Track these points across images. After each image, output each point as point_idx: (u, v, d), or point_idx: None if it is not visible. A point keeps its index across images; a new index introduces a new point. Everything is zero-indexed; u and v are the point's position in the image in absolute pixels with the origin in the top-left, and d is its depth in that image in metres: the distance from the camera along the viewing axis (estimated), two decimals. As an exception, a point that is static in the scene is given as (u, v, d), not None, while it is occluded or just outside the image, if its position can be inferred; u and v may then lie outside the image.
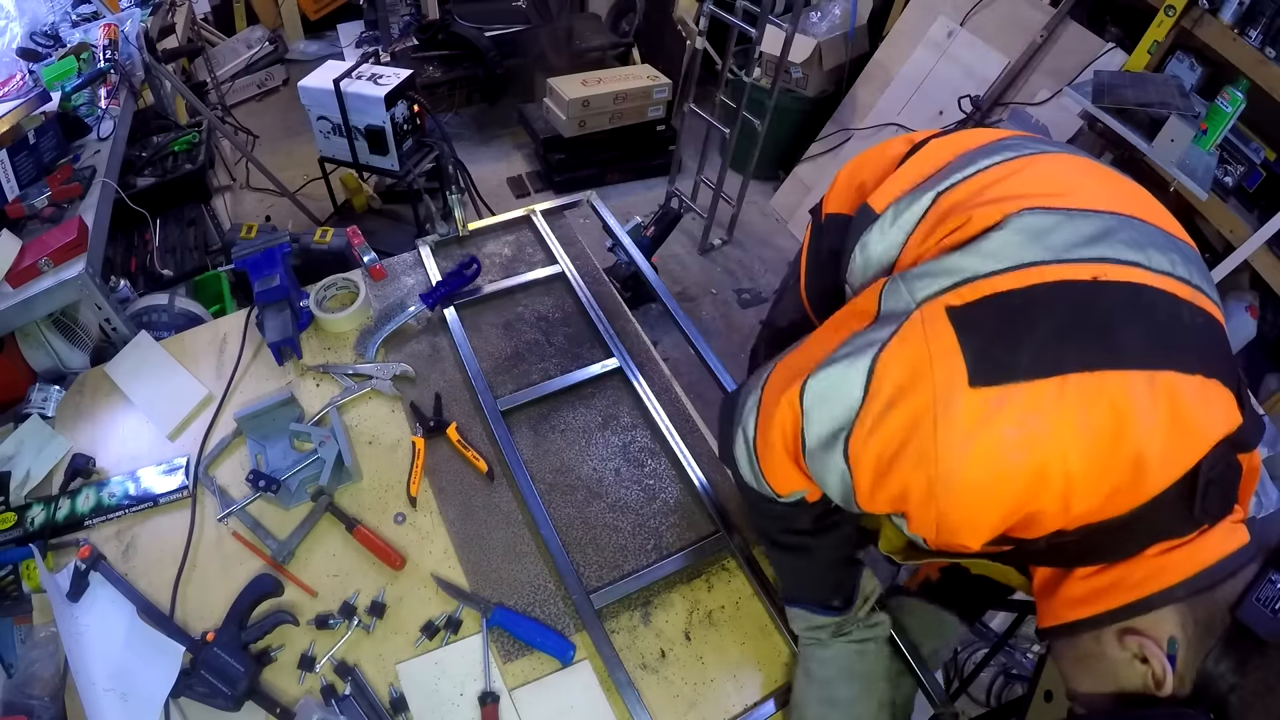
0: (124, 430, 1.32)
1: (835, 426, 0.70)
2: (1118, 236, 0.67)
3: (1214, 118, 2.08)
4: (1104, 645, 0.68)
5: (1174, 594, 0.63)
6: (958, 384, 0.61)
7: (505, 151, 3.75)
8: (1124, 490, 0.61)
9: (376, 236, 1.80)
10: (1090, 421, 0.59)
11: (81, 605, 1.07)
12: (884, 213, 0.83)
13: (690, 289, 3.11)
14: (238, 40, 3.96)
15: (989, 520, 0.64)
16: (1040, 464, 0.59)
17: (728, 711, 1.04)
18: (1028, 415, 0.59)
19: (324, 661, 1.04)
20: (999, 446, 0.60)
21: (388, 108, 2.31)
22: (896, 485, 0.66)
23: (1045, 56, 2.70)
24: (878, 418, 0.66)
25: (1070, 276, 0.64)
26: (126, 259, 1.96)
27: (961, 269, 0.67)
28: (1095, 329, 0.62)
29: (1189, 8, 2.20)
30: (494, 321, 1.54)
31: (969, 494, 0.62)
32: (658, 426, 1.34)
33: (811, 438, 0.72)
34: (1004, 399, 0.60)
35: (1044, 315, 0.62)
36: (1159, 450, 0.59)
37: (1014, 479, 0.60)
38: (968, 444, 0.60)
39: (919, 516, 0.67)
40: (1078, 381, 0.59)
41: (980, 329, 0.63)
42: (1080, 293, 0.63)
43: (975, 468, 0.61)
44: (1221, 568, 0.62)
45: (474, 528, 1.21)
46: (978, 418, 0.60)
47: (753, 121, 2.86)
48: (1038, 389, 0.59)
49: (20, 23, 2.19)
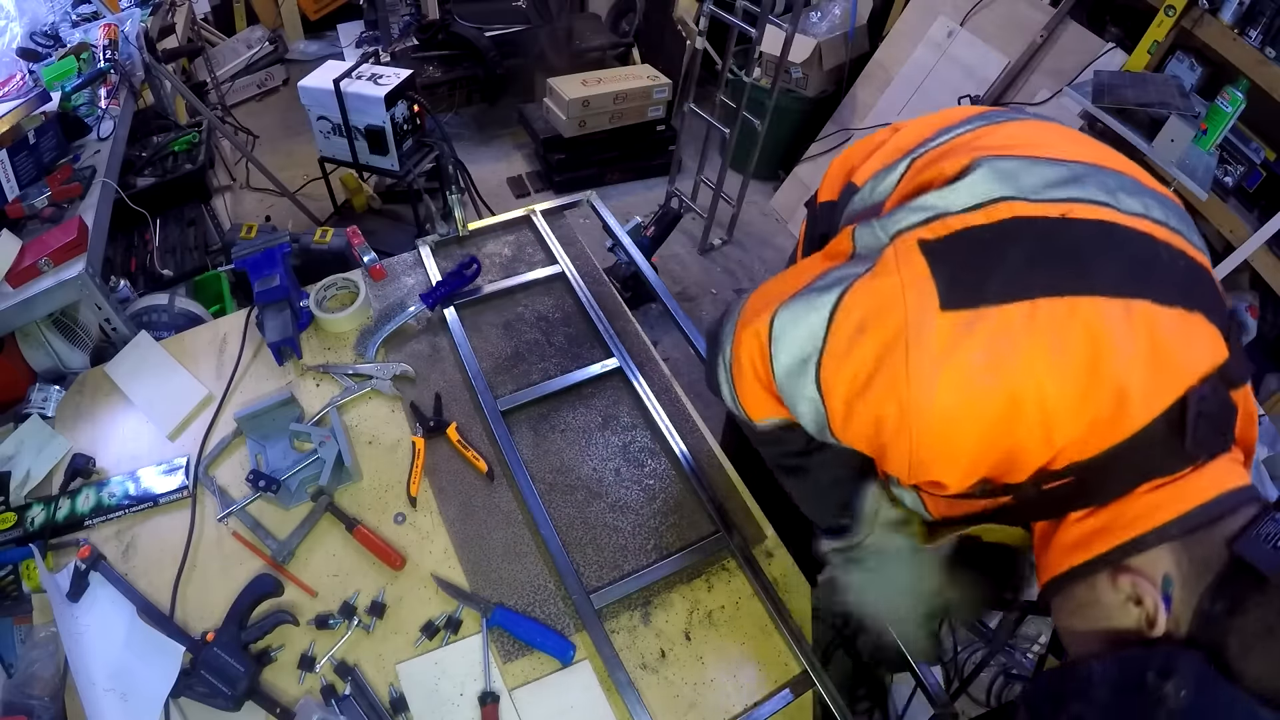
0: (124, 430, 1.32)
1: (803, 354, 0.71)
2: (1088, 181, 0.68)
3: (1214, 118, 2.08)
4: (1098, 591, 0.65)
5: (1168, 531, 0.60)
6: (929, 308, 0.62)
7: (505, 151, 3.75)
8: (1107, 422, 0.59)
9: (376, 236, 1.80)
10: (1063, 346, 0.58)
11: (81, 605, 1.07)
12: (865, 185, 0.87)
13: (690, 289, 3.11)
14: (238, 40, 3.96)
15: (963, 451, 0.63)
16: (1013, 390, 0.59)
17: (728, 711, 1.04)
18: (996, 338, 0.59)
19: (324, 661, 1.04)
20: (968, 370, 0.60)
21: (388, 108, 2.31)
22: (869, 413, 0.66)
23: (1045, 56, 2.70)
24: (849, 343, 0.67)
25: (1039, 213, 0.65)
26: (126, 259, 1.96)
27: (933, 206, 0.69)
28: (1066, 257, 0.62)
29: (1189, 8, 2.20)
30: (494, 321, 1.54)
31: (940, 421, 0.61)
32: (658, 426, 1.34)
33: (780, 366, 0.74)
34: (973, 322, 0.60)
35: (1013, 245, 0.63)
36: (1140, 379, 0.58)
37: (985, 404, 0.60)
38: (938, 368, 0.61)
39: (894, 448, 0.66)
40: (1048, 306, 0.59)
41: (952, 259, 0.64)
42: (1050, 225, 0.64)
43: (946, 392, 0.60)
44: (1219, 503, 0.60)
45: (474, 528, 1.21)
46: (947, 341, 0.61)
47: (753, 121, 2.86)
48: (1007, 312, 0.60)
49: (20, 23, 2.19)
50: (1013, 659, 1.83)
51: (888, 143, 0.91)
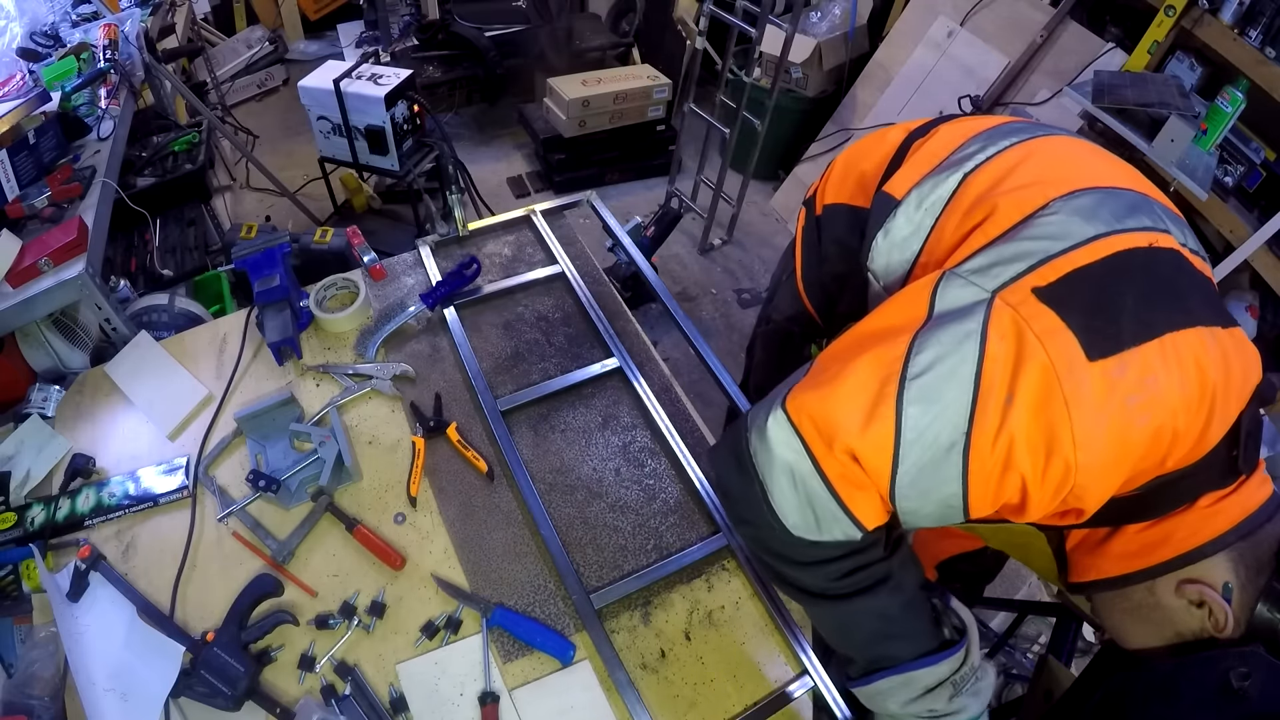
0: (124, 430, 1.32)
1: (949, 439, 0.63)
2: (1148, 210, 0.72)
3: (1214, 118, 2.08)
4: (1158, 595, 0.72)
5: (1226, 540, 0.68)
6: (1077, 360, 0.61)
7: (505, 151, 3.75)
8: (1193, 445, 0.65)
9: (376, 236, 1.80)
10: (1186, 378, 0.62)
11: (81, 605, 1.07)
12: (907, 197, 0.84)
13: (690, 289, 3.11)
14: (238, 40, 3.96)
15: (1113, 485, 0.66)
16: (1158, 425, 0.62)
17: (728, 711, 1.04)
18: (1145, 378, 0.61)
19: (324, 661, 1.04)
20: (1128, 413, 0.62)
21: (388, 108, 2.31)
22: (1016, 478, 0.63)
23: (1045, 56, 2.71)
24: (1000, 416, 0.61)
25: (1132, 244, 0.67)
26: (126, 259, 1.96)
27: (1031, 252, 0.67)
28: (1169, 291, 0.66)
29: (1189, 8, 2.20)
30: (494, 321, 1.54)
31: (1104, 464, 0.63)
32: (658, 426, 1.34)
33: (907, 471, 0.64)
34: (1123, 366, 0.61)
35: (1126, 283, 0.65)
36: (1222, 402, 0.64)
37: (1140, 439, 0.63)
38: (1102, 416, 0.61)
39: (1040, 498, 0.64)
40: (1172, 342, 0.62)
41: (1076, 305, 0.63)
42: (1145, 258, 0.67)
43: (1110, 434, 0.62)
44: (1263, 512, 0.68)
45: (474, 528, 1.21)
46: (1105, 388, 0.61)
47: (753, 121, 2.86)
48: (1147, 353, 0.62)
49: (20, 23, 2.19)
50: (1013, 659, 1.83)
51: (921, 151, 0.89)
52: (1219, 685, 0.63)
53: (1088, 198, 0.71)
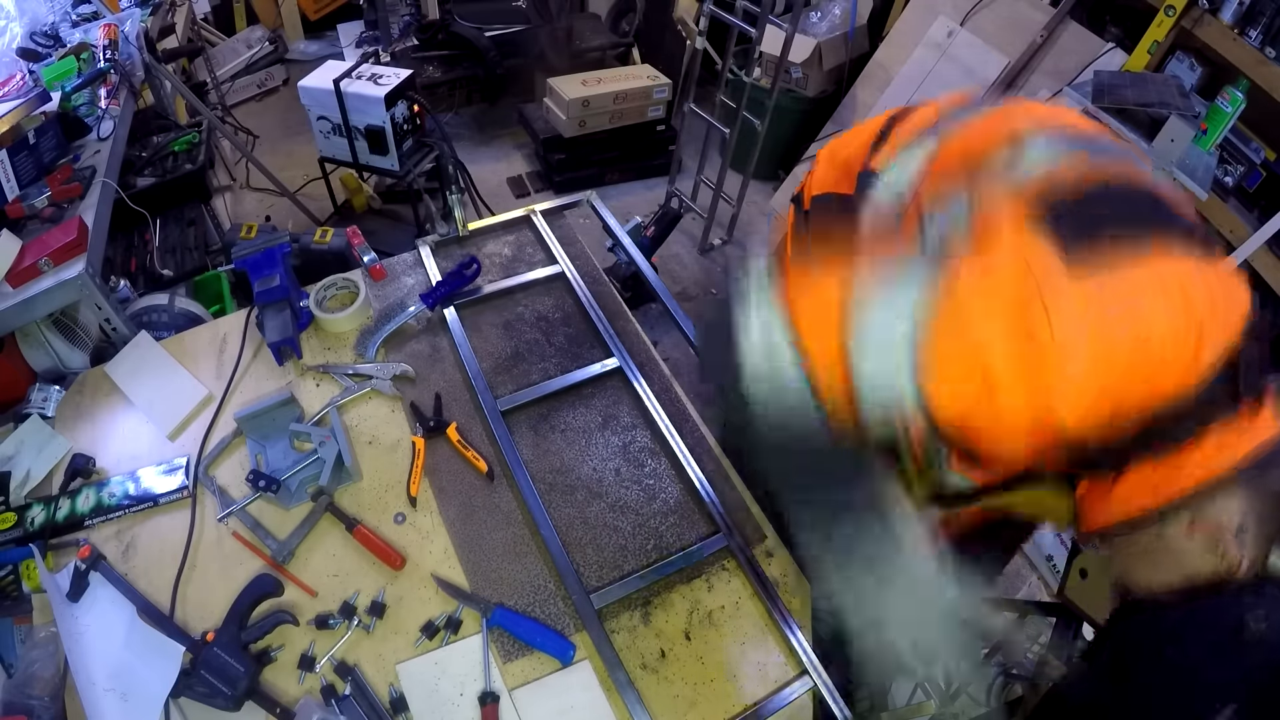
0: (124, 430, 1.32)
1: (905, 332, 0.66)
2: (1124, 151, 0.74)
3: (1214, 118, 2.08)
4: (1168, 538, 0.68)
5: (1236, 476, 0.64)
6: (1056, 271, 0.63)
7: (505, 151, 3.75)
8: (1188, 367, 0.63)
9: (376, 236, 1.80)
10: (1167, 297, 0.62)
11: (81, 605, 1.07)
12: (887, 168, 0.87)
13: (690, 289, 3.11)
14: (238, 40, 3.96)
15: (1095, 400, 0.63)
16: (1140, 337, 0.62)
17: (728, 711, 1.04)
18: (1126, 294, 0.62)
19: (324, 661, 1.04)
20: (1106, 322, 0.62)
21: (388, 108, 2.31)
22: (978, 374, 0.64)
23: (1045, 56, 2.70)
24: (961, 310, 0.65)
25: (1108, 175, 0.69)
26: (126, 259, 1.96)
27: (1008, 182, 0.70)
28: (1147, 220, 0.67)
29: (1189, 8, 2.20)
30: (494, 321, 1.54)
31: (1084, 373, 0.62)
32: (658, 426, 1.34)
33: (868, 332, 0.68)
34: (1104, 282, 0.62)
35: (1106, 202, 0.67)
36: (1211, 325, 0.62)
37: (1120, 351, 0.62)
38: (1082, 326, 0.61)
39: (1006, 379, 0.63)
40: (1156, 264, 0.63)
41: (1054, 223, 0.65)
42: (1123, 184, 0.69)
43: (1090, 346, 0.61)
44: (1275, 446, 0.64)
45: (474, 528, 1.21)
46: (1083, 301, 0.62)
47: (753, 121, 2.86)
48: (1128, 266, 0.63)
49: (20, 23, 2.19)
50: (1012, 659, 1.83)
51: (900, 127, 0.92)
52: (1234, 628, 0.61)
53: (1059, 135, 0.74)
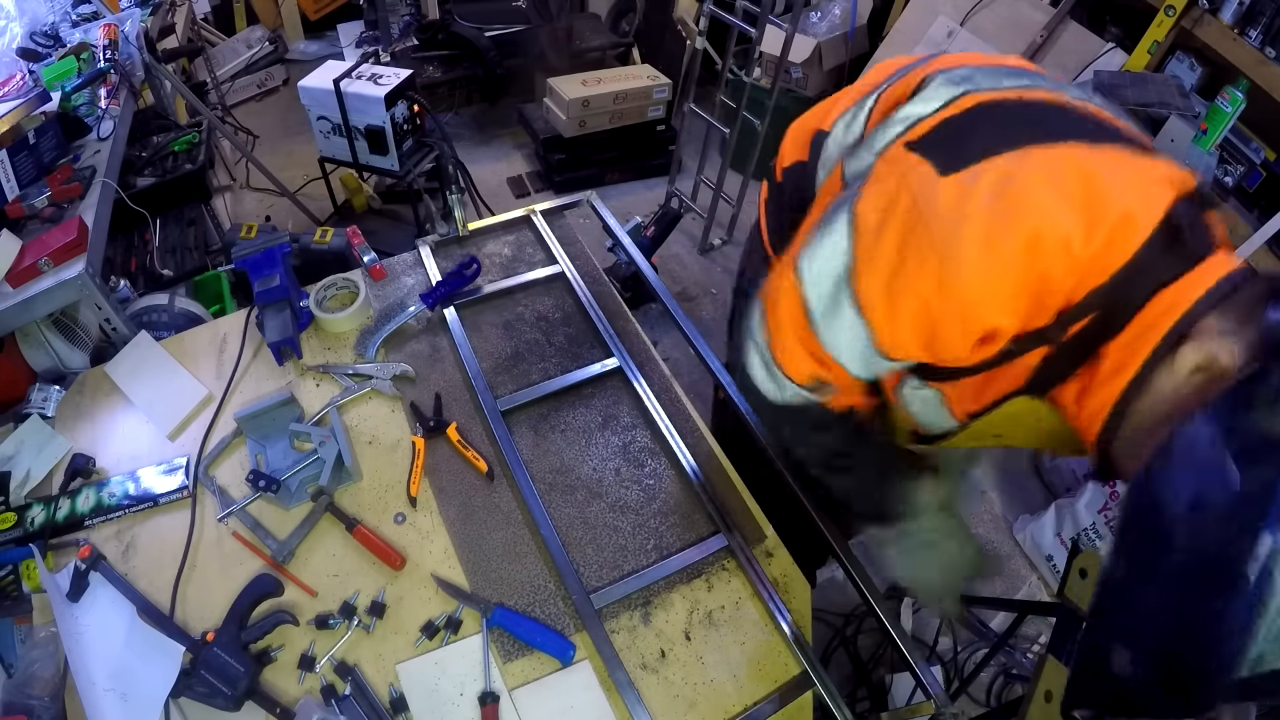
0: (124, 430, 1.32)
1: (835, 277, 0.73)
2: (1034, 77, 0.76)
3: (1214, 118, 2.09)
4: (1157, 391, 0.63)
5: (1203, 304, 0.62)
6: (929, 179, 0.67)
7: (505, 151, 3.75)
8: (1116, 241, 0.63)
9: (376, 236, 1.80)
10: (1060, 180, 0.63)
11: (81, 605, 1.07)
12: (834, 125, 0.92)
13: (690, 289, 3.11)
14: (238, 40, 3.96)
15: (1005, 287, 0.64)
16: (1032, 226, 0.62)
17: (727, 711, 1.04)
18: (1001, 181, 0.64)
19: (324, 661, 1.04)
20: (986, 214, 0.63)
21: (388, 108, 2.31)
22: (910, 298, 0.68)
23: (1045, 56, 2.70)
24: (873, 243, 0.70)
25: (1000, 97, 0.72)
26: (126, 259, 1.96)
27: (907, 116, 0.76)
28: (1038, 122, 0.69)
29: (1189, 8, 2.20)
30: (494, 321, 1.54)
31: (975, 265, 0.64)
32: (658, 426, 1.34)
33: (815, 301, 0.75)
34: (976, 175, 0.65)
35: (990, 119, 0.70)
36: (1134, 195, 0.63)
37: (1011, 245, 0.63)
38: (957, 220, 0.65)
39: (944, 321, 0.67)
40: (1037, 151, 0.65)
41: (937, 143, 0.70)
42: (1013, 104, 0.71)
43: (971, 238, 0.64)
44: (1239, 273, 0.63)
45: (474, 528, 1.21)
46: (957, 196, 0.65)
47: (753, 121, 2.86)
48: (1003, 160, 0.65)
49: (20, 23, 2.19)
50: (1013, 659, 1.83)
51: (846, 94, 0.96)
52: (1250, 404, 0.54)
53: (966, 69, 0.77)
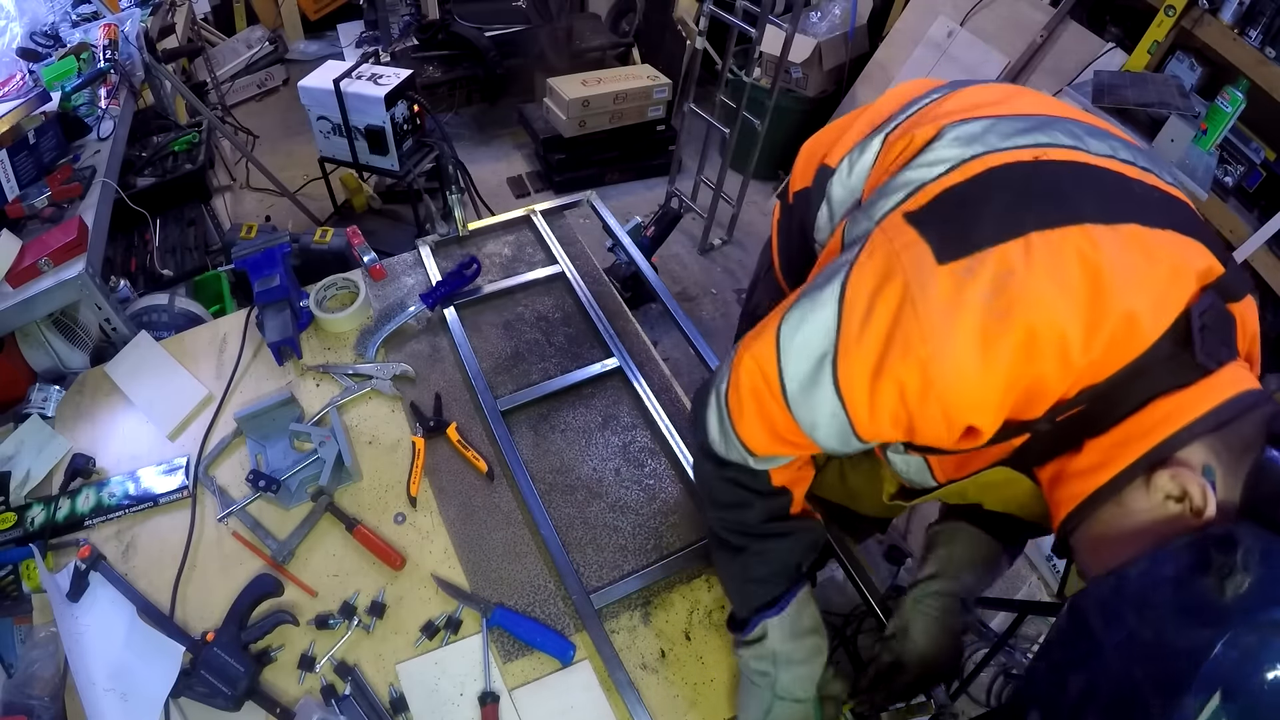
0: (124, 430, 1.32)
1: (818, 355, 0.68)
2: (1052, 128, 0.69)
3: (1214, 118, 2.09)
4: (1127, 505, 0.61)
5: (1198, 427, 0.59)
6: (926, 265, 0.62)
7: (505, 151, 3.75)
8: (1120, 344, 0.59)
9: (376, 236, 1.80)
10: (1063, 274, 0.59)
11: (81, 605, 1.07)
12: (840, 164, 0.87)
13: (690, 289, 3.11)
14: (238, 40, 3.96)
15: (992, 393, 0.62)
16: (1028, 324, 0.59)
17: (728, 711, 1.04)
18: (1001, 277, 0.60)
19: (324, 661, 1.04)
20: (981, 311, 0.60)
21: (388, 108, 2.31)
22: (892, 388, 0.64)
23: (1045, 56, 2.71)
24: (860, 327, 0.65)
25: (1013, 159, 0.66)
26: (126, 259, 1.96)
27: (910, 181, 0.70)
28: (1048, 194, 0.63)
29: (1189, 8, 2.20)
30: (494, 321, 1.54)
31: (964, 365, 0.60)
32: (658, 426, 1.34)
33: (793, 378, 0.70)
34: (974, 266, 0.61)
35: (996, 191, 0.64)
36: (1143, 297, 0.59)
37: (1004, 344, 0.59)
38: (950, 316, 0.60)
39: (922, 414, 0.64)
40: (1041, 239, 0.60)
41: (938, 218, 0.65)
42: (1025, 169, 0.65)
43: (962, 340, 0.60)
44: (1245, 398, 0.59)
45: (474, 528, 1.21)
46: (952, 289, 0.60)
47: (753, 121, 2.86)
48: (1004, 251, 0.60)
49: (20, 23, 2.19)
50: (1013, 659, 1.83)
51: (858, 121, 0.91)
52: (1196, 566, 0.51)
53: (977, 124, 0.70)
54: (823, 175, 0.90)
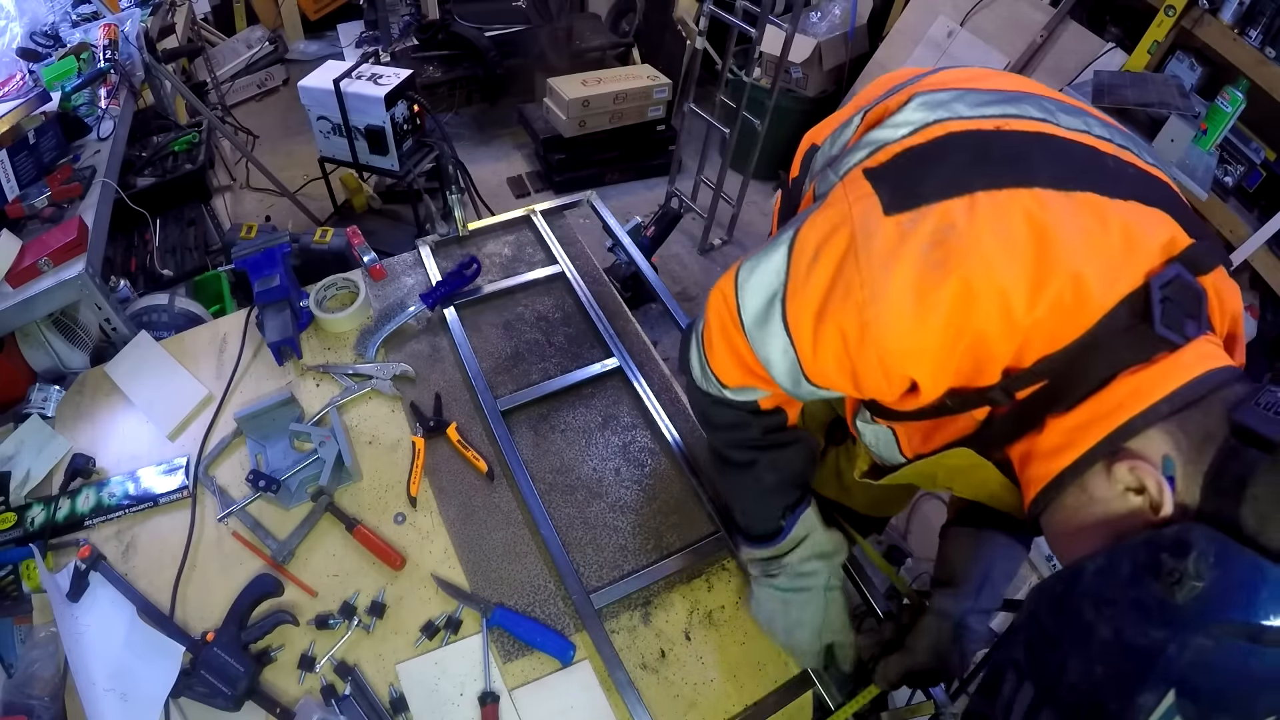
0: (124, 430, 1.32)
1: (769, 294, 0.73)
2: (1023, 102, 0.70)
3: (1214, 118, 2.09)
4: (1090, 490, 0.60)
5: (1158, 410, 0.57)
6: (874, 217, 0.64)
7: (505, 151, 3.75)
8: (1069, 310, 0.58)
9: (376, 236, 1.80)
10: (1007, 232, 0.59)
11: (81, 605, 1.07)
12: (824, 142, 0.90)
13: (690, 289, 3.11)
14: (238, 40, 3.96)
15: (930, 344, 0.62)
16: (964, 276, 0.59)
17: (727, 711, 1.04)
18: (941, 230, 0.61)
19: (324, 661, 1.04)
20: (919, 262, 0.61)
21: (388, 108, 2.31)
22: (834, 332, 0.66)
23: (1045, 56, 2.71)
24: (807, 270, 0.69)
25: (974, 127, 0.67)
26: (126, 259, 1.96)
27: (875, 141, 0.72)
28: (1005, 159, 0.64)
29: (1189, 8, 2.20)
30: (494, 321, 1.54)
31: (899, 317, 0.61)
32: (658, 426, 1.34)
33: (748, 314, 0.75)
34: (917, 219, 0.62)
35: (951, 153, 0.66)
36: (1095, 262, 0.58)
37: (940, 293, 0.60)
38: (888, 265, 0.62)
39: (863, 361, 0.65)
40: (988, 197, 0.60)
41: (893, 175, 0.67)
42: (986, 136, 0.66)
43: (899, 289, 0.61)
44: (1209, 379, 0.57)
45: (474, 528, 1.21)
46: (894, 239, 0.62)
47: (753, 121, 2.86)
48: (947, 207, 0.62)
49: (20, 23, 2.19)
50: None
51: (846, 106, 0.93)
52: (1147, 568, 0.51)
53: (945, 93, 0.72)
54: (808, 155, 0.94)
